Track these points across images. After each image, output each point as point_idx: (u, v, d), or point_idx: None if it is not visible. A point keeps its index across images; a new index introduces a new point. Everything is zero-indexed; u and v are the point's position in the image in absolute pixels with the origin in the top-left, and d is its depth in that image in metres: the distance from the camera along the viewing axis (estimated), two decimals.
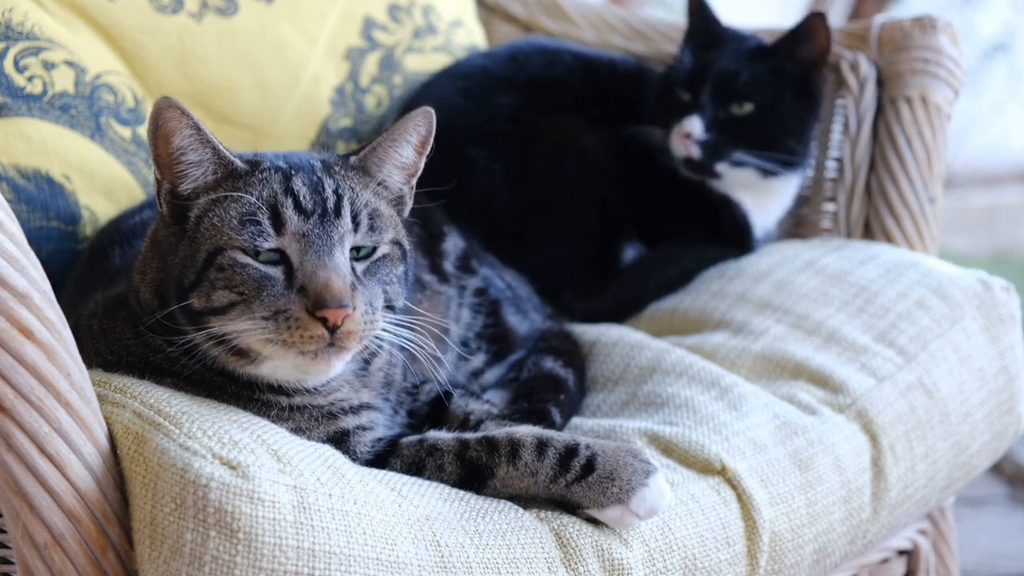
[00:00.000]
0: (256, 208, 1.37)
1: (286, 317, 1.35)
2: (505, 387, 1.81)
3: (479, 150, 2.09)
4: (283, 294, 1.35)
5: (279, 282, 1.36)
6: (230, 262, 1.36)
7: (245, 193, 1.38)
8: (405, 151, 1.49)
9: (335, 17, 2.23)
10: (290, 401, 1.46)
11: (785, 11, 5.39)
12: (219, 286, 1.36)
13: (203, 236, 1.38)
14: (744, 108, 2.10)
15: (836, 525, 1.69)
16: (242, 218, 1.37)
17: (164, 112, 1.37)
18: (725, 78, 2.10)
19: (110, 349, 1.49)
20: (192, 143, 1.39)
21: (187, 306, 1.38)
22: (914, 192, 2.16)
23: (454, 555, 1.37)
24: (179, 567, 1.25)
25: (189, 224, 1.40)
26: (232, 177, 1.41)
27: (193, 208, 1.40)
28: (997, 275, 2.04)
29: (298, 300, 1.35)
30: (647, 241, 2.20)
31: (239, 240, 1.36)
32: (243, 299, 1.36)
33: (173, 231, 1.42)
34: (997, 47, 5.75)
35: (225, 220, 1.37)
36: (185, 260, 1.38)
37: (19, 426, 1.25)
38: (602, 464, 1.44)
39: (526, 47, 2.30)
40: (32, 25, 1.86)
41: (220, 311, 1.37)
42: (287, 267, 1.37)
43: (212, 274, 1.37)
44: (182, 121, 1.38)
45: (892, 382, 1.82)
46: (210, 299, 1.37)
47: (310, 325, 1.34)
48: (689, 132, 2.08)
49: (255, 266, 1.36)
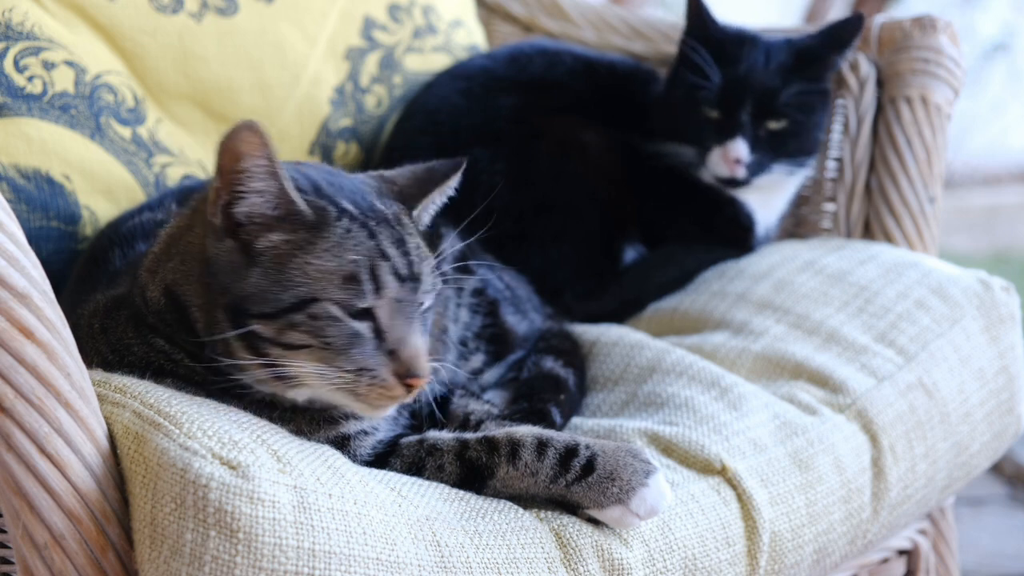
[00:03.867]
0: (359, 268, 1.36)
1: (372, 376, 1.36)
2: (505, 387, 1.81)
3: (480, 150, 2.09)
4: (372, 354, 1.36)
5: (369, 341, 1.36)
6: (324, 313, 1.35)
7: (343, 248, 1.36)
8: (443, 199, 1.53)
9: (335, 17, 2.23)
10: (294, 404, 1.46)
11: (785, 11, 5.39)
12: (301, 329, 1.35)
13: (292, 279, 1.35)
14: (780, 123, 2.09)
15: (836, 525, 1.69)
16: (346, 277, 1.36)
17: (244, 132, 1.34)
18: (764, 97, 2.07)
19: (111, 348, 1.49)
20: (261, 172, 1.36)
21: (249, 331, 1.36)
22: (914, 192, 2.16)
23: (454, 555, 1.37)
24: (179, 567, 1.25)
25: (262, 255, 1.37)
26: (303, 222, 1.38)
27: (259, 239, 1.37)
28: (997, 275, 2.04)
29: (387, 363, 1.36)
30: (648, 242, 2.20)
31: (339, 296, 1.35)
32: (325, 348, 1.35)
33: (230, 247, 1.38)
34: (997, 47, 5.75)
35: (324, 272, 1.35)
36: (260, 290, 1.36)
37: (19, 426, 1.25)
38: (602, 464, 1.44)
39: (527, 48, 2.30)
40: (32, 25, 1.86)
41: (289, 347, 1.36)
42: (375, 326, 1.37)
43: (299, 317, 1.35)
44: (259, 149, 1.34)
45: (892, 382, 1.82)
46: (283, 335, 1.35)
47: (395, 388, 1.36)
48: (739, 158, 2.06)
49: (348, 323, 1.35)
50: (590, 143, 2.16)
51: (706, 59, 2.09)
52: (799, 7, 5.21)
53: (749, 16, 2.59)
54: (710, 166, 2.10)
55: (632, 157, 2.17)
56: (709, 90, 2.09)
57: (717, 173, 2.10)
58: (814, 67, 2.11)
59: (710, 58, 2.09)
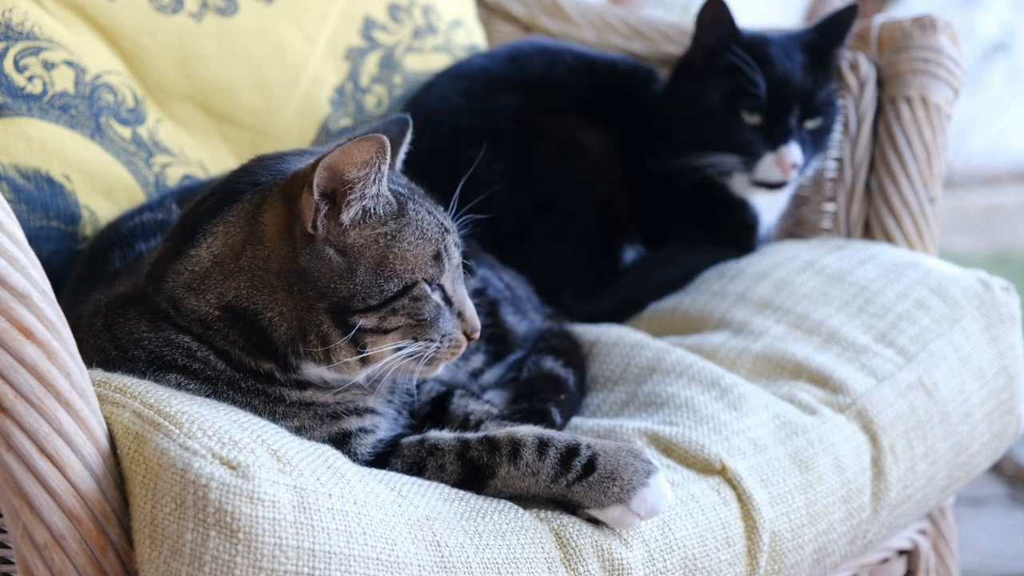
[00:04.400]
0: (440, 245, 1.48)
1: (451, 340, 1.49)
2: (505, 387, 1.81)
3: (480, 151, 2.09)
4: (450, 319, 1.49)
5: (446, 310, 1.49)
6: (423, 294, 1.46)
7: (420, 230, 1.47)
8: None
9: (335, 17, 2.23)
10: (301, 396, 1.47)
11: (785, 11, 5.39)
12: (402, 312, 1.44)
13: (395, 268, 1.44)
14: (816, 122, 2.11)
15: (836, 525, 1.69)
16: (433, 254, 1.47)
17: (361, 144, 1.40)
18: (807, 98, 2.08)
19: (115, 344, 1.48)
20: (375, 176, 1.43)
21: (355, 328, 1.43)
22: (914, 192, 2.16)
23: (454, 555, 1.37)
24: (179, 567, 1.25)
25: (359, 253, 1.44)
26: (391, 213, 1.47)
27: (360, 238, 1.44)
28: (997, 275, 2.04)
29: (460, 325, 1.50)
30: (649, 242, 2.20)
31: (430, 273, 1.47)
32: (417, 323, 1.46)
33: (328, 254, 1.43)
34: (997, 47, 5.75)
35: (419, 256, 1.46)
36: (366, 286, 1.43)
37: (19, 426, 1.25)
38: (603, 464, 1.44)
39: (526, 47, 2.29)
40: (32, 25, 1.86)
41: (386, 332, 1.45)
42: (444, 295, 1.49)
43: (403, 302, 1.45)
44: (379, 155, 1.42)
45: (892, 382, 1.82)
46: (385, 321, 1.44)
47: (463, 345, 1.50)
48: (795, 163, 2.06)
49: (435, 298, 1.47)
50: (590, 143, 2.16)
51: (749, 63, 2.06)
52: (799, 7, 5.21)
53: (749, 16, 2.59)
54: (760, 173, 2.09)
55: (637, 161, 2.17)
56: (756, 96, 2.06)
57: (768, 179, 2.09)
58: (825, 63, 2.13)
59: (753, 61, 2.07)
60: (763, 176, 2.09)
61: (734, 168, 2.10)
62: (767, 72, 2.07)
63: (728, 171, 2.11)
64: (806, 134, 2.10)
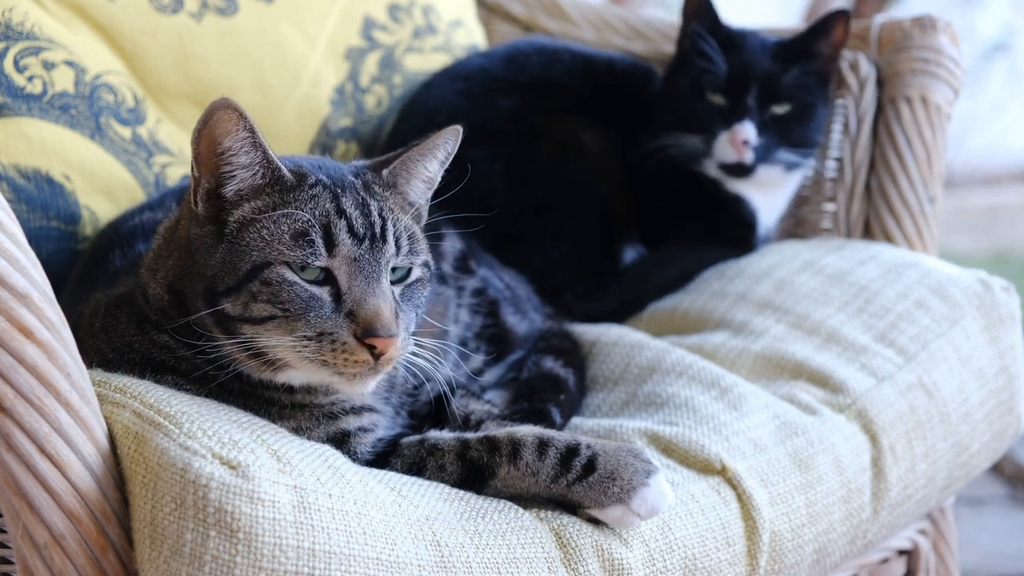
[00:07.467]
0: (310, 226, 1.37)
1: (332, 340, 1.36)
2: (505, 387, 1.81)
3: (479, 151, 2.09)
4: (330, 317, 1.36)
5: (326, 304, 1.37)
6: (277, 278, 1.36)
7: (297, 209, 1.38)
8: (432, 165, 1.51)
9: (335, 17, 2.23)
10: (292, 399, 1.47)
11: (785, 11, 5.39)
12: (261, 299, 1.36)
13: (248, 246, 1.37)
14: (783, 108, 2.12)
15: (836, 525, 1.69)
16: (295, 235, 1.37)
17: (219, 112, 1.36)
18: (768, 80, 2.10)
19: (112, 347, 1.49)
20: (245, 146, 1.38)
21: (219, 311, 1.38)
22: (914, 192, 2.16)
23: (454, 555, 1.37)
24: (179, 567, 1.25)
25: (229, 228, 1.39)
26: (280, 187, 1.40)
27: (234, 212, 1.39)
28: (997, 275, 2.04)
29: (346, 325, 1.36)
30: (648, 242, 2.20)
31: (289, 256, 1.36)
32: (285, 315, 1.36)
33: (208, 231, 1.40)
34: (997, 47, 5.76)
35: (276, 235, 1.37)
36: (223, 265, 1.38)
37: (19, 426, 1.25)
38: (603, 464, 1.44)
39: (525, 47, 2.30)
40: (32, 25, 1.86)
41: (256, 321, 1.37)
42: (334, 289, 1.37)
43: (255, 286, 1.36)
44: (238, 124, 1.36)
45: (892, 382, 1.82)
46: (248, 308, 1.37)
47: (357, 351, 1.36)
48: (746, 139, 2.08)
49: (302, 285, 1.36)
50: (589, 143, 2.16)
51: (713, 47, 2.12)
52: (799, 7, 5.21)
53: (749, 16, 2.59)
54: (717, 152, 2.11)
55: (632, 156, 2.17)
56: (716, 75, 2.11)
57: (724, 158, 2.11)
58: (807, 56, 2.14)
59: (717, 46, 2.12)
60: (720, 156, 2.11)
61: (697, 149, 2.12)
62: (731, 55, 2.12)
63: (695, 152, 2.13)
64: (769, 118, 2.11)
